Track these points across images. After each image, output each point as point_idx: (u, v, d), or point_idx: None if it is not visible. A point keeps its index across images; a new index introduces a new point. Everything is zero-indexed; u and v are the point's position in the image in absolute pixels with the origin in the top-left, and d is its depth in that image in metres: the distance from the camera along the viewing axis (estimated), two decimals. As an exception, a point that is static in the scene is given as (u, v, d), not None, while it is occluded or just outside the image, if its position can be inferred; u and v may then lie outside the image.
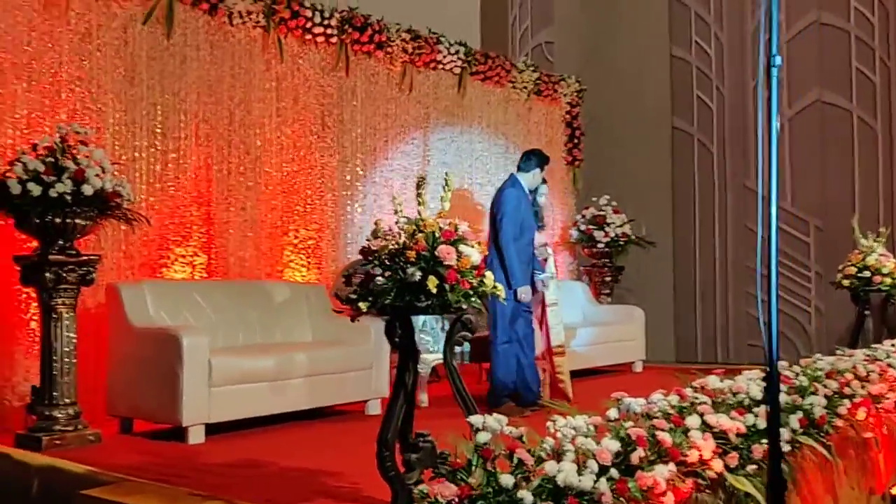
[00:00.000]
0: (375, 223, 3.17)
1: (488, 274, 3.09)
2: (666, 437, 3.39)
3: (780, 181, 2.46)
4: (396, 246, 2.98)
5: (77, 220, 4.51)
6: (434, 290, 2.88)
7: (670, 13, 10.02)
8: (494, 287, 3.10)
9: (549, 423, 3.24)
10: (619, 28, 10.29)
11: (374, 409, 5.59)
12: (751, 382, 4.17)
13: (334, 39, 6.89)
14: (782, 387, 4.27)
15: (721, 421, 3.73)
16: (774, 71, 2.34)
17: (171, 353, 4.56)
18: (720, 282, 9.71)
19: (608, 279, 8.69)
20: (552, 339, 6.03)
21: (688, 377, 4.21)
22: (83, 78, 5.44)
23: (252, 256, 6.35)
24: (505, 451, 2.91)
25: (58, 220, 4.45)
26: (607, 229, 8.55)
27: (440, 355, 5.97)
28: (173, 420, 4.60)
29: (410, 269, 2.92)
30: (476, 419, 2.81)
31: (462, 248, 3.01)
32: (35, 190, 4.36)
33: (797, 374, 4.51)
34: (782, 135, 8.76)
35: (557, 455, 3.02)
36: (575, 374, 7.24)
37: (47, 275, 4.47)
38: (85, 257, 4.61)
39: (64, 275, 4.52)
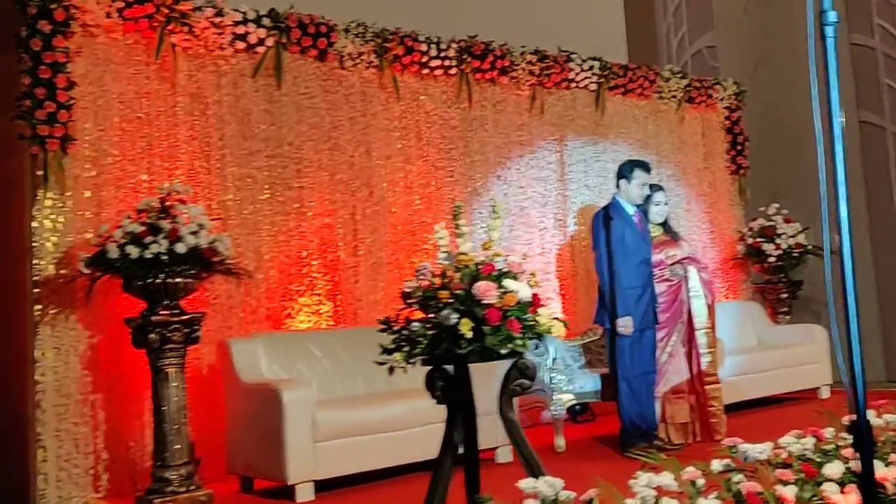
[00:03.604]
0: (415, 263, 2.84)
1: (543, 310, 2.68)
2: (787, 493, 2.81)
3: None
4: (432, 286, 2.64)
5: (178, 280, 4.51)
6: (470, 334, 2.51)
7: (847, -3, 9.05)
8: (551, 324, 2.68)
9: (630, 482, 2.76)
10: (790, 22, 9.42)
11: (505, 456, 5.20)
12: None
13: (454, 70, 6.67)
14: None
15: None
16: (830, 30, 1.81)
17: (274, 408, 4.44)
18: (931, 290, 8.52)
19: (784, 296, 7.81)
20: (703, 366, 5.42)
21: (834, 413, 3.54)
22: (196, 137, 5.52)
23: (381, 300, 6.18)
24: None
25: (158, 281, 4.47)
26: (778, 241, 7.71)
27: (574, 394, 5.52)
28: (280, 478, 4.45)
29: (444, 312, 2.56)
30: (526, 484, 2.40)
31: (507, 283, 2.62)
32: (133, 252, 4.40)
33: None
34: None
35: (635, 522, 2.55)
36: (743, 405, 6.54)
37: (151, 335, 4.49)
38: (188, 316, 4.60)
39: (168, 335, 4.52)
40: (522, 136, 7.15)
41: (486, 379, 4.46)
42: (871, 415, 3.44)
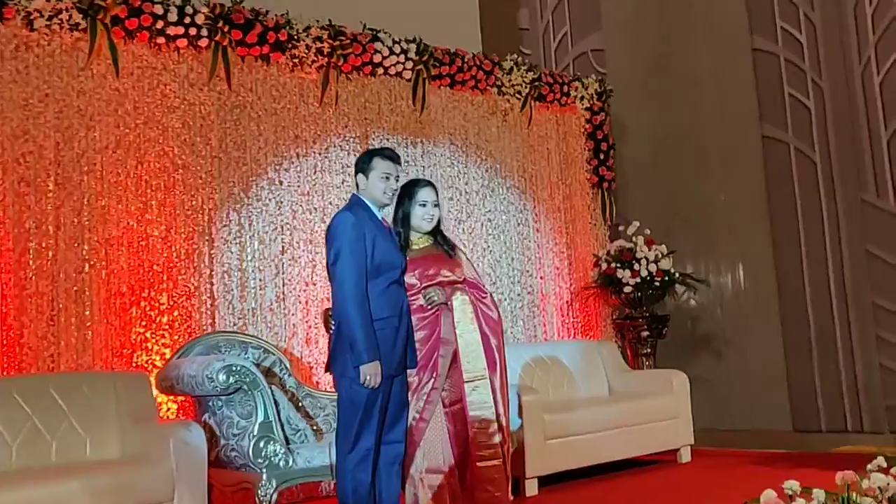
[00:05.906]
0: None
1: None
2: None
3: None
4: None
5: None
6: None
7: (748, -3, 7.79)
8: None
9: None
10: (687, 25, 8.13)
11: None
12: None
13: (205, 42, 5.18)
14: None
15: None
16: None
17: None
18: (841, 326, 7.10)
19: (645, 334, 6.36)
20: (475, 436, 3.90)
21: None
22: None
23: (84, 339, 4.61)
24: None
25: None
26: (637, 266, 6.29)
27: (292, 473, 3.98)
28: None
29: None
30: None
31: None
32: None
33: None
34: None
35: None
36: (577, 474, 5.10)
37: None
38: None
39: None
40: (308, 132, 5.66)
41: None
42: None
